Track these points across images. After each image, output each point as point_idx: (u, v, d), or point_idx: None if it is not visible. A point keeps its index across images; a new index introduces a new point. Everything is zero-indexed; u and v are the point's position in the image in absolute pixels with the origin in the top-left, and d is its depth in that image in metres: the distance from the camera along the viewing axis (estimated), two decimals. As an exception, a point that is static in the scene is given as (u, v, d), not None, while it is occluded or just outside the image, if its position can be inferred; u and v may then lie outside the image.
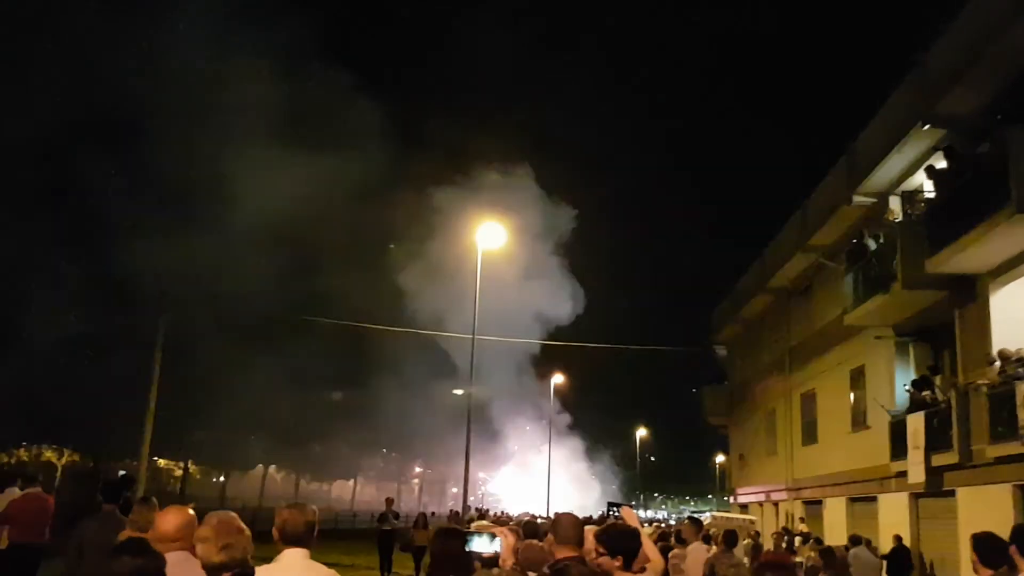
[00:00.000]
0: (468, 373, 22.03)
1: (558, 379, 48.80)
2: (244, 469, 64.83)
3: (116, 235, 43.77)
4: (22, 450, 51.13)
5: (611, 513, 6.04)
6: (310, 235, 53.32)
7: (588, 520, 9.30)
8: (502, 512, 37.86)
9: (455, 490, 69.06)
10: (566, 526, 4.51)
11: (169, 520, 4.02)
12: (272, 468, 68.33)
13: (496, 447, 64.36)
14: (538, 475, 49.63)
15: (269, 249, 49.13)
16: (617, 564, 3.94)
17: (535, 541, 5.73)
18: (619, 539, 3.99)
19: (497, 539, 4.50)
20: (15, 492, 9.33)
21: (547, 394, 49.36)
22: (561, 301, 58.64)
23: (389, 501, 20.22)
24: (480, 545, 4.38)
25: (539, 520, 18.01)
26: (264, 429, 55.35)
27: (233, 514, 4.04)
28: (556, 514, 5.28)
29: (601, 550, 3.97)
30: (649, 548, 4.67)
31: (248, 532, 4.04)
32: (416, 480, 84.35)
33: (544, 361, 56.07)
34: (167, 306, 25.27)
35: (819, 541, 16.66)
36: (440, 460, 68.27)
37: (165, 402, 25.05)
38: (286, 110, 55.96)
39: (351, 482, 76.50)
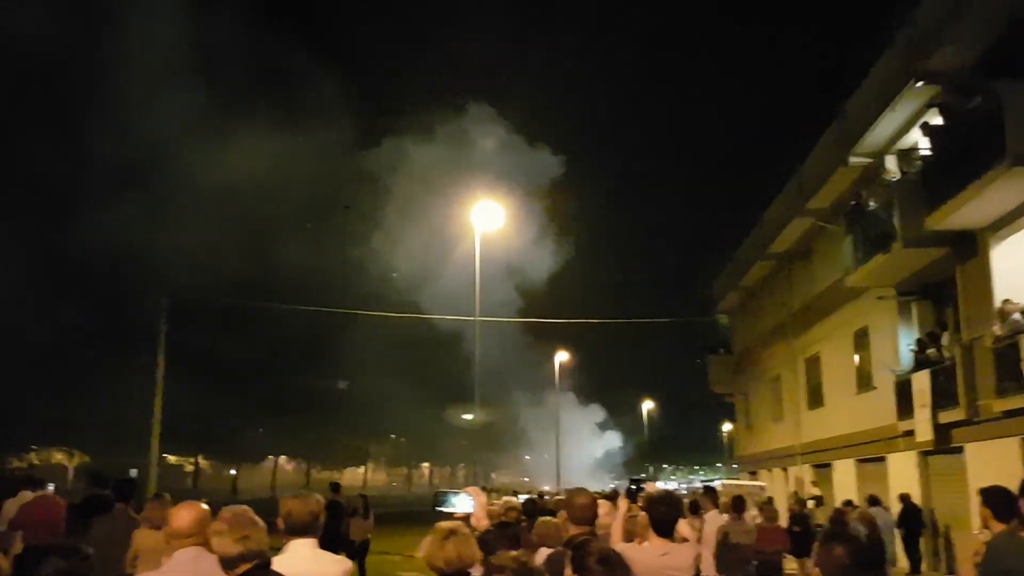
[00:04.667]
0: (473, 353, 22.12)
1: (563, 356, 48.77)
2: (254, 461, 65.12)
3: (102, 219, 42.95)
4: (32, 454, 51.35)
5: (635, 489, 6.26)
6: (280, 211, 52.51)
7: (606, 495, 9.34)
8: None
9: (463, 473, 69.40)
10: (580, 506, 4.61)
11: (183, 516, 4.01)
12: (282, 459, 68.61)
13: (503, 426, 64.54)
14: (545, 451, 49.89)
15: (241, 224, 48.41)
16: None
17: (551, 518, 5.79)
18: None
19: (471, 499, 4.81)
20: (27, 496, 9.35)
21: (551, 369, 49.38)
22: (546, 266, 57.36)
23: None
24: (461, 504, 4.75)
25: (546, 496, 18.06)
26: (272, 419, 55.50)
27: (246, 507, 4.06)
28: (569, 491, 5.32)
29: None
30: (683, 528, 4.84)
31: (263, 524, 4.07)
32: (426, 465, 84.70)
33: (547, 336, 55.75)
34: (167, 294, 25.10)
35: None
36: (449, 444, 68.40)
37: (172, 397, 25.10)
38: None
39: (362, 469, 76.85)
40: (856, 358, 20.57)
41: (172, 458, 57.94)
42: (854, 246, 17.97)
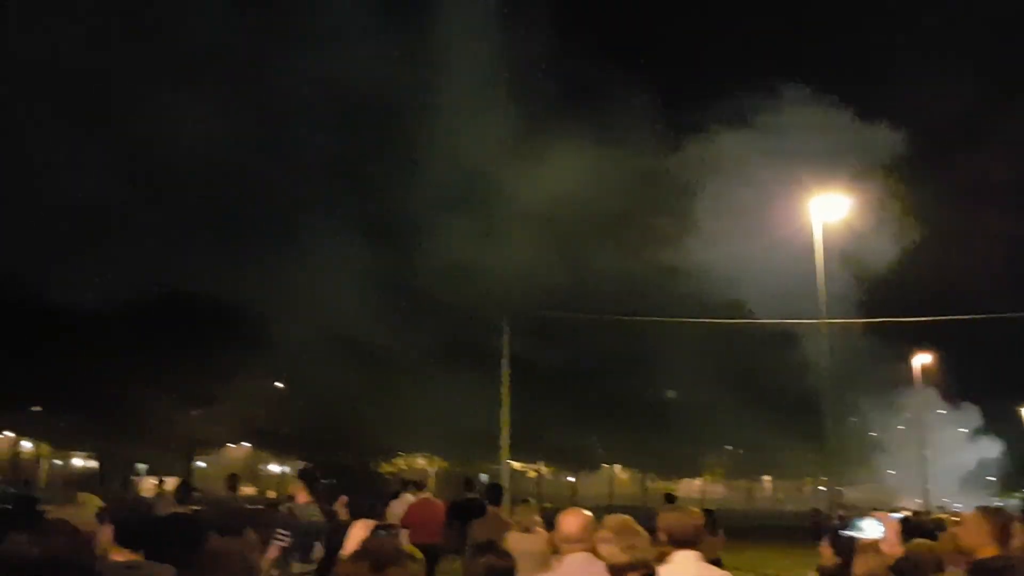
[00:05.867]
0: (809, 355, 20.62)
1: (925, 359, 43.63)
2: (591, 469, 67.11)
3: (439, 243, 46.69)
4: (399, 459, 57.86)
5: None
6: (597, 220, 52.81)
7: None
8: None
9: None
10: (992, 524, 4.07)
11: (571, 522, 4.20)
12: (617, 467, 69.96)
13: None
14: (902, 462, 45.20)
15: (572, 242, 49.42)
16: None
17: (927, 540, 5.20)
18: None
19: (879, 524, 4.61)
20: (409, 498, 10.26)
21: (904, 369, 44.55)
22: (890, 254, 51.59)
23: None
24: (870, 529, 4.96)
25: (920, 517, 16.12)
26: (605, 429, 56.76)
27: (629, 517, 4.24)
28: (982, 509, 4.82)
29: None
30: None
31: (646, 533, 4.20)
32: (767, 478, 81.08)
33: (898, 332, 50.01)
34: (507, 310, 26.82)
35: None
36: (791, 456, 64.90)
37: (517, 407, 26.65)
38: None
39: (697, 481, 75.76)
40: None
41: (516, 464, 61.82)
42: None
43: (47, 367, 38.01)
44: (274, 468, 61.37)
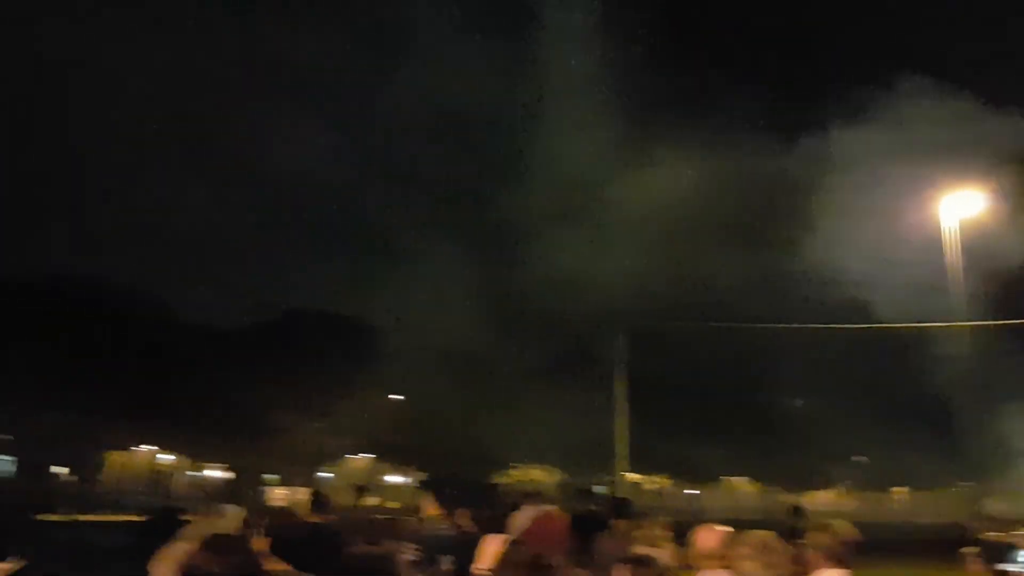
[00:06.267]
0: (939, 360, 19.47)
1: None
2: (713, 481, 65.51)
3: (549, 254, 46.90)
4: (514, 471, 58.05)
5: None
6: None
7: None
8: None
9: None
10: None
11: (709, 538, 4.11)
12: (741, 479, 67.97)
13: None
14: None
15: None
16: None
17: None
18: None
19: None
20: (531, 510, 10.21)
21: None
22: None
23: None
24: None
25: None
26: (729, 440, 55.29)
27: (770, 533, 4.13)
28: None
29: None
30: None
31: (787, 550, 4.09)
32: (901, 489, 76.75)
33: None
34: (622, 320, 26.64)
35: None
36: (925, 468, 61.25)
37: (633, 418, 26.39)
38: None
39: (825, 492, 72.60)
40: None
41: (634, 476, 60.98)
42: None
43: (182, 383, 40.29)
44: (393, 479, 62.76)
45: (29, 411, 36.83)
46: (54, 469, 42.03)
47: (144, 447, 52.47)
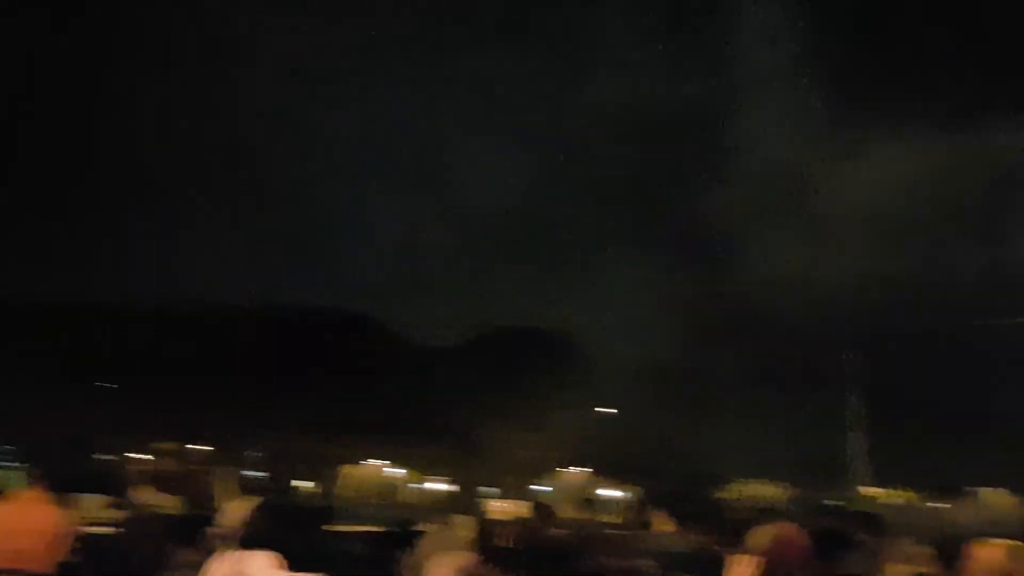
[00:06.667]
0: None
1: None
2: (959, 495, 59.55)
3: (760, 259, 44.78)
4: (736, 485, 55.74)
5: None
6: None
7: None
8: None
9: None
10: None
11: (992, 554, 3.94)
12: (995, 491, 61.27)
13: None
14: None
15: None
16: None
17: None
18: None
19: None
20: (772, 527, 9.56)
21: None
22: None
23: None
24: None
25: None
26: (979, 450, 50.00)
27: None
28: None
29: None
30: None
31: None
32: None
33: None
34: (849, 325, 24.91)
35: None
36: None
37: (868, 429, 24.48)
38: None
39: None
40: None
41: (873, 490, 56.64)
42: None
43: (405, 398, 42.52)
44: (608, 493, 62.34)
45: (276, 429, 40.38)
46: (294, 483, 45.46)
47: (373, 461, 55.72)
